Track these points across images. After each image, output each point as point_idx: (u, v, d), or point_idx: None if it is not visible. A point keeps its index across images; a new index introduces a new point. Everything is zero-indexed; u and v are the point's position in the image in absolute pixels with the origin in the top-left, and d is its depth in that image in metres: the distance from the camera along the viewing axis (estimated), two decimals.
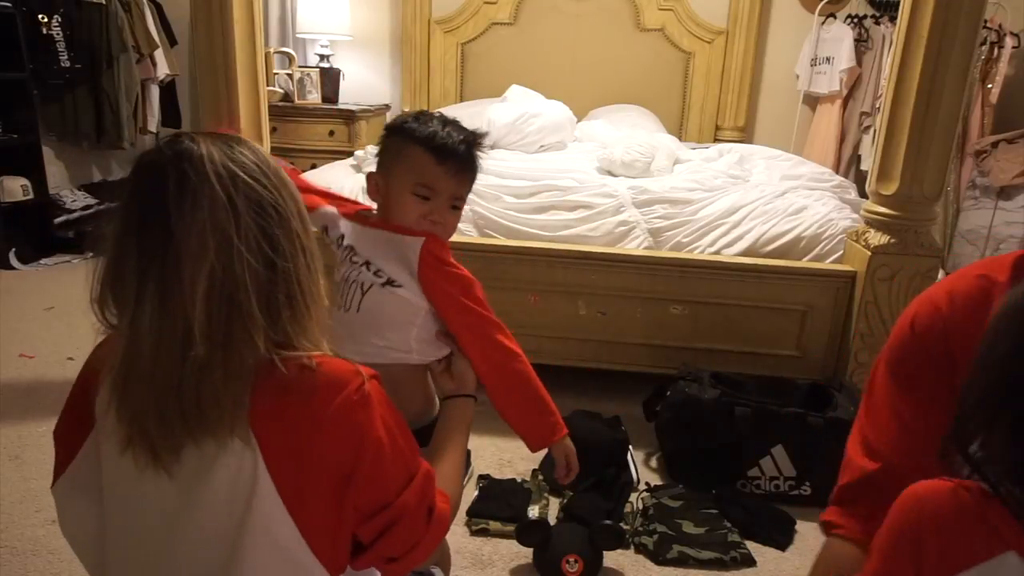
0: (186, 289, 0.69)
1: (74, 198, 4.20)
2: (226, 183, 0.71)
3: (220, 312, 0.71)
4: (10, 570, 1.60)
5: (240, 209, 0.71)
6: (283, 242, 0.74)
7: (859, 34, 4.09)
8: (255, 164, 0.75)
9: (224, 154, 0.73)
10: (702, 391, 2.03)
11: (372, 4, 4.49)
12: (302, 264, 0.76)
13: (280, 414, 0.73)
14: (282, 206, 0.75)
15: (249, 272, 0.71)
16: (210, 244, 0.70)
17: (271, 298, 0.73)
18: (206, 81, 2.18)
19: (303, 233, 0.77)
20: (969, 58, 1.94)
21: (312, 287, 0.78)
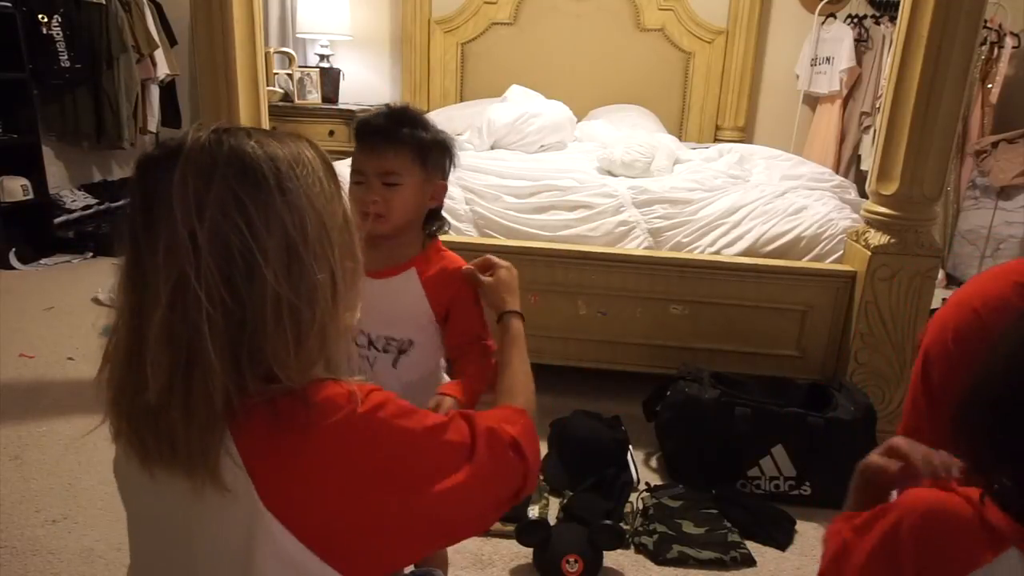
0: (145, 327, 0.64)
1: (74, 198, 4.20)
2: (190, 217, 0.63)
3: (175, 358, 0.64)
4: (10, 570, 1.60)
5: (202, 249, 0.62)
6: (261, 280, 0.65)
7: (859, 34, 4.09)
8: (234, 193, 0.65)
9: (201, 173, 0.65)
10: (702, 391, 2.03)
11: (372, 4, 4.49)
12: (290, 298, 0.67)
13: (273, 452, 0.66)
14: (260, 241, 0.65)
15: (208, 316, 0.62)
16: (161, 285, 0.63)
17: (240, 343, 0.65)
18: (206, 81, 2.18)
19: (340, 255, 0.70)
20: (969, 58, 1.94)
21: (307, 321, 0.68)
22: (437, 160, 1.18)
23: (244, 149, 0.69)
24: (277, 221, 0.66)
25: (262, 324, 0.65)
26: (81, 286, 3.44)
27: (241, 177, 0.66)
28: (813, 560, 1.74)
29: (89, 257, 3.95)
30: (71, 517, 1.78)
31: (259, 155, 0.69)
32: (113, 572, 1.60)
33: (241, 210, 0.64)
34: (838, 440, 1.91)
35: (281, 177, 0.68)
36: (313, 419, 0.67)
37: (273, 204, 0.66)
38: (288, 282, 0.66)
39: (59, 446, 2.09)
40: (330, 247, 0.71)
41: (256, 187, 0.66)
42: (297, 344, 0.68)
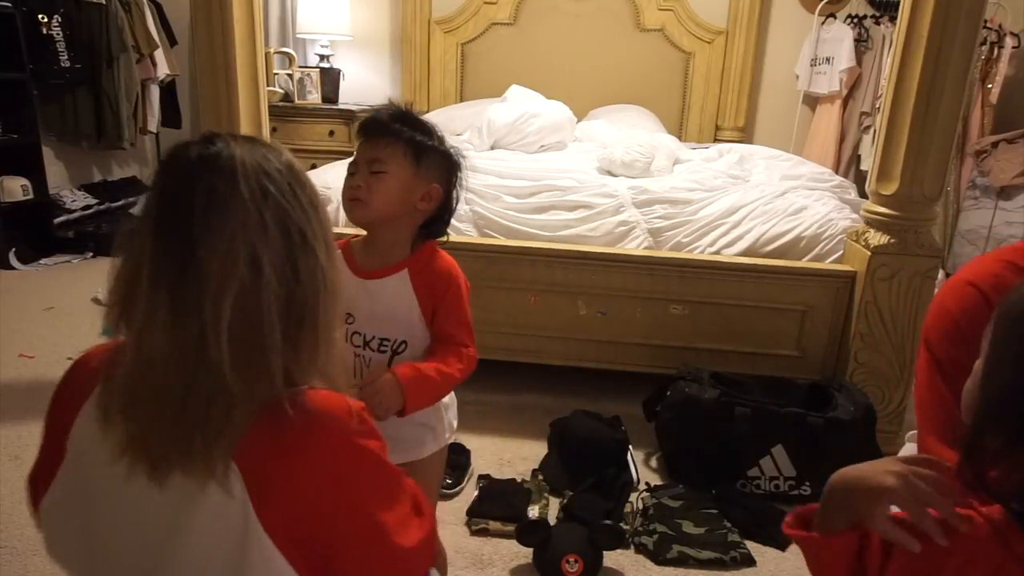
0: (207, 309, 0.64)
1: (74, 198, 4.20)
2: (258, 198, 0.66)
3: (243, 341, 0.65)
4: (10, 570, 1.60)
5: (270, 229, 0.66)
6: (305, 271, 0.69)
7: (859, 34, 4.09)
8: (288, 181, 0.69)
9: (258, 164, 0.67)
10: (702, 391, 2.03)
11: (372, 4, 4.49)
12: (322, 297, 0.71)
13: (274, 454, 0.67)
14: (309, 231, 0.69)
15: (275, 300, 0.66)
16: (240, 265, 0.64)
17: (289, 330, 0.68)
18: (206, 81, 2.18)
19: (327, 263, 0.72)
20: (969, 58, 1.94)
21: (328, 323, 0.72)
22: (434, 164, 1.19)
23: (267, 154, 0.72)
24: (312, 204, 0.72)
25: (314, 303, 0.70)
26: (81, 286, 3.44)
27: (290, 164, 0.72)
28: None
29: (89, 257, 3.95)
30: None
31: (281, 159, 0.73)
32: None
33: (294, 190, 0.70)
34: (838, 440, 1.91)
35: (301, 172, 0.73)
36: (312, 426, 0.68)
37: (312, 189, 0.73)
38: (328, 262, 0.72)
39: None
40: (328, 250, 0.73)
41: (298, 175, 0.72)
42: (330, 338, 0.72)
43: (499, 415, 2.32)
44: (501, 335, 2.33)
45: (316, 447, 0.68)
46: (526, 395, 2.46)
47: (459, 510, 1.85)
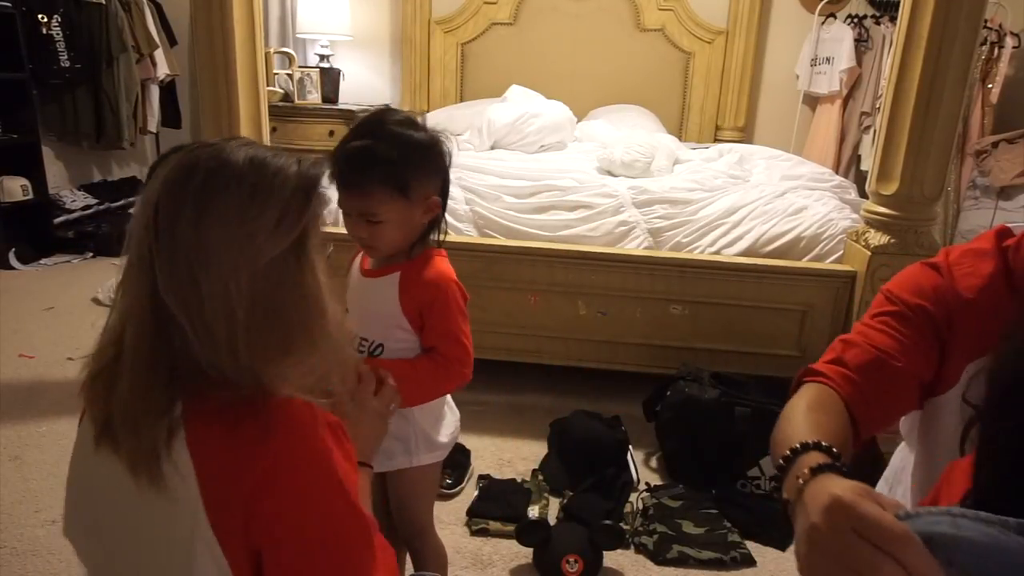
0: (172, 292, 0.68)
1: (74, 198, 4.20)
2: (245, 212, 0.69)
3: (215, 332, 0.67)
4: (10, 570, 1.60)
5: (254, 246, 0.69)
6: (285, 285, 0.71)
7: (859, 34, 4.09)
8: (285, 198, 0.71)
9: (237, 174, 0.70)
10: (702, 391, 2.03)
11: (372, 4, 4.49)
12: (299, 310, 0.72)
13: (226, 460, 0.67)
14: (301, 246, 0.71)
15: (248, 306, 0.68)
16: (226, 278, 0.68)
17: (259, 336, 0.69)
18: (206, 81, 2.18)
19: (312, 279, 0.73)
20: (969, 58, 1.94)
21: (307, 335, 0.73)
22: (424, 181, 1.14)
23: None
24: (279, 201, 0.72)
25: (282, 305, 0.71)
26: (81, 286, 3.44)
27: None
28: None
29: (89, 257, 3.95)
30: None
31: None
32: None
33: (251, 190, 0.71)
34: None
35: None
36: (270, 435, 0.67)
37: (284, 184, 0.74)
38: (303, 265, 0.73)
39: (59, 446, 2.08)
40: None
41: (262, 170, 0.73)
42: (285, 351, 0.71)
43: (499, 415, 2.33)
44: (501, 335, 2.33)
45: (273, 456, 0.67)
46: (526, 395, 2.46)
47: (459, 510, 1.86)
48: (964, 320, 0.87)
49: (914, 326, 0.90)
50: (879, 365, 0.88)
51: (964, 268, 0.90)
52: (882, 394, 0.88)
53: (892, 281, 0.98)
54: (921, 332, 0.90)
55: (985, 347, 0.65)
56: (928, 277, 0.93)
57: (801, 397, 0.86)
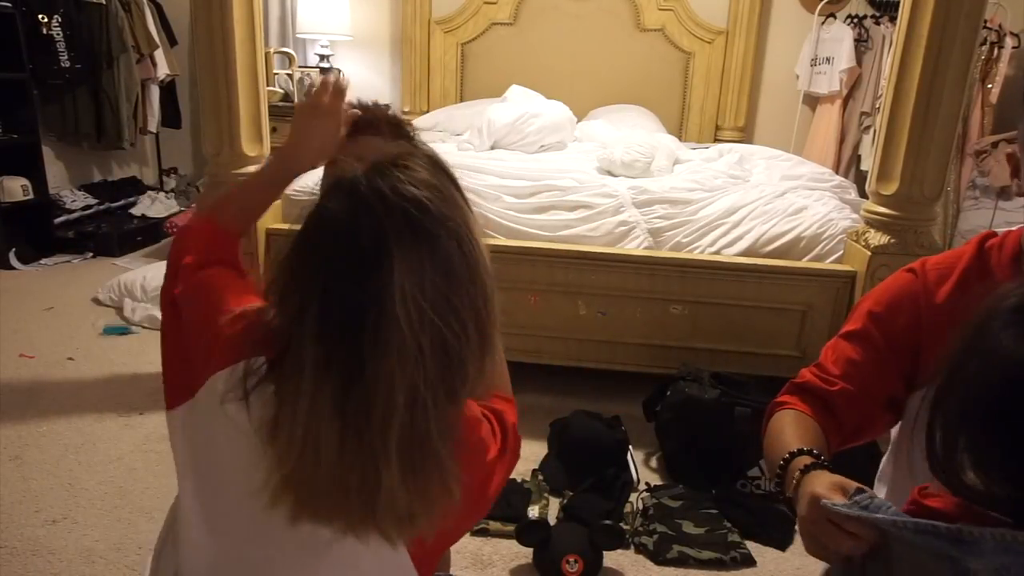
0: (375, 429, 0.65)
1: (74, 198, 4.21)
2: (415, 326, 0.64)
3: (410, 457, 0.67)
4: (10, 570, 1.60)
5: (427, 357, 0.65)
6: (466, 367, 0.70)
7: (859, 34, 4.09)
8: (444, 282, 0.67)
9: (414, 275, 0.65)
10: (702, 391, 2.03)
11: (372, 4, 4.49)
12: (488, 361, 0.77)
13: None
14: (465, 339, 0.69)
15: (435, 416, 0.67)
16: (399, 397, 0.64)
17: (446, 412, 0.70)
18: (206, 81, 2.18)
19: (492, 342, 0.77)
20: (969, 58, 1.94)
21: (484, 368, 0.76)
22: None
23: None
24: (472, 281, 0.72)
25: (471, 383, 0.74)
26: (81, 286, 3.44)
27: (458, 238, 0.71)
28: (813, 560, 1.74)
29: (89, 257, 3.95)
30: (71, 517, 1.78)
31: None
32: (113, 572, 1.60)
33: (453, 284, 0.70)
34: None
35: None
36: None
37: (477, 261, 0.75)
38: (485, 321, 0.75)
39: (59, 446, 2.09)
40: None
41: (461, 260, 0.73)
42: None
43: None
44: (501, 335, 2.32)
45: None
46: (526, 395, 2.46)
47: None
48: (936, 320, 0.92)
49: (875, 346, 0.97)
50: (839, 396, 0.97)
51: (940, 271, 0.95)
52: (845, 418, 0.97)
53: (872, 292, 1.04)
54: (884, 349, 0.96)
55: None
56: (904, 281, 0.98)
57: (780, 420, 0.96)
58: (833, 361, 1.00)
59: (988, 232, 0.95)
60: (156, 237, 4.21)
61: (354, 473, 0.66)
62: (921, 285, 0.95)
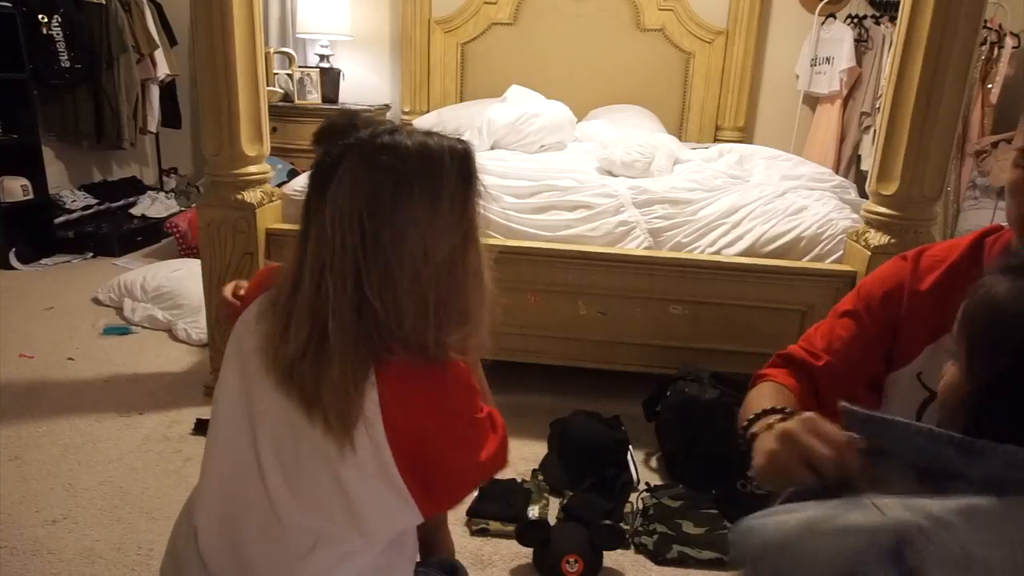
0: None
1: (74, 198, 4.20)
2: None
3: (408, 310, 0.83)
4: (10, 570, 1.60)
5: (441, 224, 0.84)
6: (460, 265, 0.87)
7: (859, 34, 4.09)
8: (457, 181, 0.85)
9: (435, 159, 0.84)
10: (702, 391, 2.03)
11: (372, 4, 4.49)
12: (470, 290, 0.88)
13: (410, 402, 0.84)
14: (471, 228, 0.87)
15: (434, 284, 0.83)
16: (415, 253, 0.82)
17: (434, 308, 0.83)
18: (206, 81, 2.18)
19: (479, 259, 0.88)
20: (969, 58, 1.94)
21: (472, 308, 0.89)
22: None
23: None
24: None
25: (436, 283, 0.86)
26: (81, 286, 3.44)
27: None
28: None
29: (89, 257, 3.95)
30: (71, 517, 1.78)
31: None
32: (113, 572, 1.60)
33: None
34: None
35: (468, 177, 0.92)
36: (447, 388, 0.87)
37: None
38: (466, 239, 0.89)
39: (59, 446, 2.09)
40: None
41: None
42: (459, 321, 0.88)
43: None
44: (501, 335, 2.30)
45: (442, 386, 0.86)
46: (526, 395, 2.46)
47: (459, 510, 1.85)
48: (917, 305, 0.96)
49: (863, 324, 1.01)
50: (824, 371, 1.02)
51: (934, 259, 0.98)
52: (828, 393, 1.01)
53: (868, 275, 1.08)
54: (870, 328, 1.00)
55: (939, 332, 0.70)
56: (896, 266, 1.02)
57: (759, 390, 1.04)
58: (821, 335, 1.05)
59: (993, 226, 0.97)
60: (156, 237, 4.22)
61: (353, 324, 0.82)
62: (910, 270, 0.99)
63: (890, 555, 0.55)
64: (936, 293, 0.94)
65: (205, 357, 2.58)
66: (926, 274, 0.97)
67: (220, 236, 2.28)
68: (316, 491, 0.85)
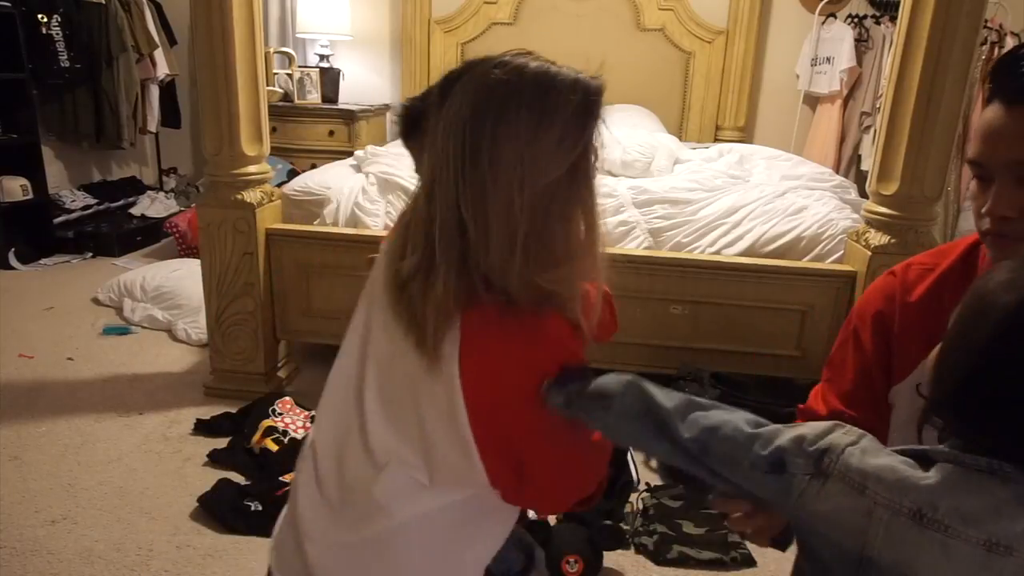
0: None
1: (74, 198, 4.20)
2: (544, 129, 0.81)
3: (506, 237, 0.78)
4: (10, 570, 1.60)
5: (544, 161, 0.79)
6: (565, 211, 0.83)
7: (859, 34, 4.09)
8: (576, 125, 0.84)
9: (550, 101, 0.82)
10: (702, 391, 2.03)
11: (372, 4, 4.49)
12: (564, 218, 0.83)
13: (492, 332, 0.80)
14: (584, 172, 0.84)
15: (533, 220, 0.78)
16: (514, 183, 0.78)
17: (524, 240, 0.78)
18: (206, 81, 2.18)
19: (588, 208, 0.86)
20: (969, 58, 1.94)
21: (571, 243, 0.85)
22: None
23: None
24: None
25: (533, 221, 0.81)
26: (81, 286, 3.44)
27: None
28: None
29: (89, 257, 3.95)
30: (71, 517, 1.78)
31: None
32: (113, 572, 1.60)
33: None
34: None
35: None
36: (537, 343, 0.82)
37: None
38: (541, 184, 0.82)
39: (59, 446, 2.08)
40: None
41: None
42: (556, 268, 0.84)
43: None
44: None
45: (529, 339, 0.81)
46: None
47: None
48: (910, 317, 0.95)
49: (863, 347, 1.01)
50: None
51: (922, 268, 0.98)
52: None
53: (863, 295, 1.07)
54: (869, 348, 1.00)
55: (934, 342, 0.69)
56: (883, 283, 1.01)
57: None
58: (833, 388, 1.05)
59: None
60: (156, 237, 4.21)
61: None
62: (899, 284, 0.98)
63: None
64: (926, 303, 0.93)
65: (205, 357, 2.58)
66: (915, 285, 0.96)
67: (220, 236, 2.28)
68: (401, 411, 0.84)
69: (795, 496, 0.68)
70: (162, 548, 1.67)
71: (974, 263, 0.93)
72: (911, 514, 0.60)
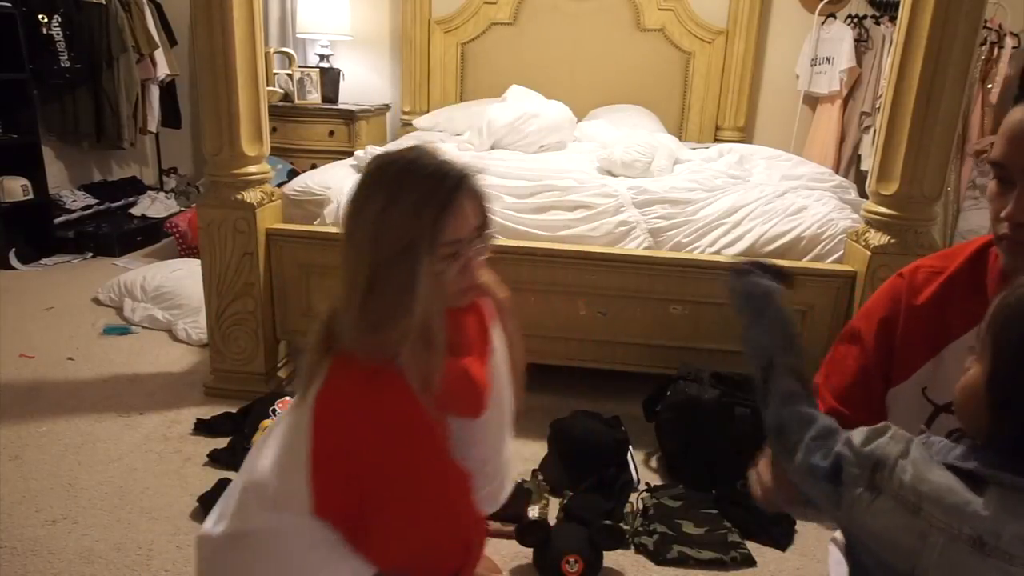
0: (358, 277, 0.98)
1: (74, 198, 4.20)
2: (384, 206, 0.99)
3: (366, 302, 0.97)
4: (10, 570, 1.60)
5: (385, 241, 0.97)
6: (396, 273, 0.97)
7: (859, 34, 4.09)
8: (415, 200, 0.97)
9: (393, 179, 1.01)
10: (702, 391, 2.03)
11: (372, 4, 4.49)
12: (393, 287, 0.96)
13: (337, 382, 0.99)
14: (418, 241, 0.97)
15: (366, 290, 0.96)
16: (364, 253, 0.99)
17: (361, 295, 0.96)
18: (206, 81, 2.18)
19: (420, 274, 0.96)
20: (969, 58, 1.94)
21: (393, 315, 0.96)
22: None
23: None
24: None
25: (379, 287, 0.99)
26: (81, 286, 3.44)
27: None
28: (813, 560, 1.74)
29: (89, 257, 3.95)
30: (71, 517, 1.78)
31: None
32: (113, 572, 1.60)
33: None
34: None
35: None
36: (372, 382, 0.99)
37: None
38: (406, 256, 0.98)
39: (59, 446, 2.09)
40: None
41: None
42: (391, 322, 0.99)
43: None
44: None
45: (371, 391, 0.98)
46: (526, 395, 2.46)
47: None
48: (916, 320, 0.95)
49: (866, 346, 1.01)
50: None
51: (930, 271, 0.98)
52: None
53: (871, 298, 1.08)
54: (871, 348, 1.01)
55: (939, 345, 0.68)
56: (890, 285, 1.03)
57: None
58: (834, 389, 1.07)
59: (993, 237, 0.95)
60: (156, 237, 4.22)
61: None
62: (906, 286, 0.98)
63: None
64: (933, 305, 0.93)
65: (205, 357, 2.58)
66: (922, 288, 0.95)
67: (220, 236, 2.28)
68: (278, 430, 1.07)
69: (845, 507, 0.68)
70: (162, 548, 1.67)
71: (983, 267, 0.91)
72: (971, 541, 0.59)
